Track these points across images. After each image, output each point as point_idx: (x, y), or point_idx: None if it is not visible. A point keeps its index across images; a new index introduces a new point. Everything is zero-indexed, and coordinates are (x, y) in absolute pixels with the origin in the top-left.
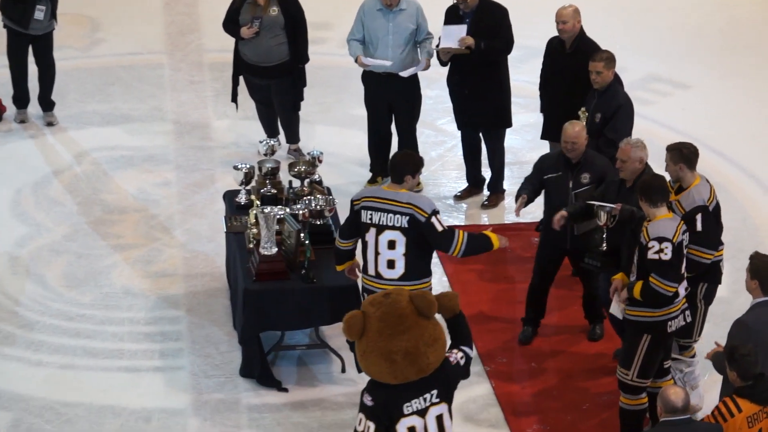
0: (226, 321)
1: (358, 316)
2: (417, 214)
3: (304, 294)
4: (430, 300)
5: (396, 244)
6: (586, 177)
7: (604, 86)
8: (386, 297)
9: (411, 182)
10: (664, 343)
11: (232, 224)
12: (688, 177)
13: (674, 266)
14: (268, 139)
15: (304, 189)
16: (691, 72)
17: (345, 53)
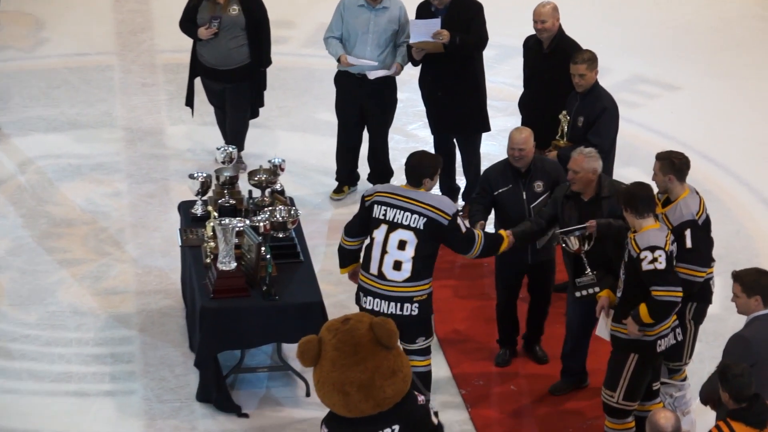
0: (181, 341)
1: (313, 342)
2: (438, 216)
3: (266, 312)
4: (391, 329)
5: (407, 246)
6: (539, 185)
7: (587, 89)
8: (344, 323)
9: (429, 185)
10: (653, 364)
11: (187, 237)
12: (677, 189)
13: (672, 272)
14: (226, 146)
15: (265, 199)
16: (681, 72)
17: (307, 53)
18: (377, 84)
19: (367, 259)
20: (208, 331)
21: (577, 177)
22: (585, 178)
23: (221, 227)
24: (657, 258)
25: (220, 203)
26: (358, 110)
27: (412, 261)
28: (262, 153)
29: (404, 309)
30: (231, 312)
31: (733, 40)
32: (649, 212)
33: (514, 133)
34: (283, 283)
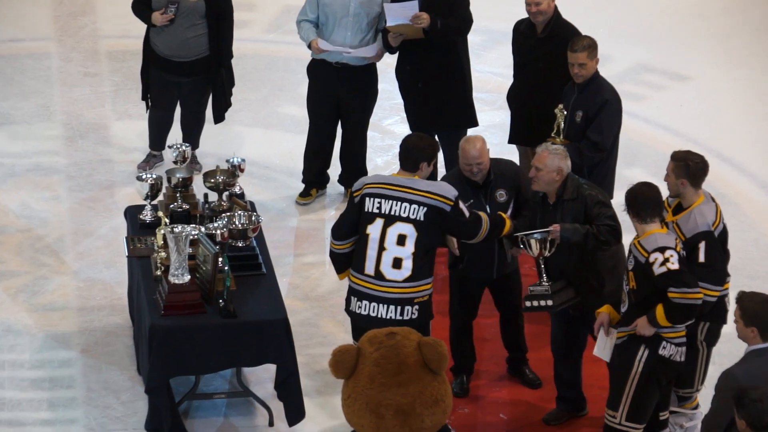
0: (128, 364)
1: (350, 352)
2: (440, 203)
3: (223, 331)
4: (442, 352)
5: (406, 240)
6: (502, 194)
7: (587, 80)
8: (390, 337)
9: (426, 171)
10: (658, 375)
11: (135, 247)
12: (691, 195)
13: (687, 272)
14: (179, 144)
15: (223, 204)
16: (690, 61)
17: (270, 39)
18: (357, 74)
19: (360, 259)
20: (159, 353)
21: (538, 175)
22: (546, 177)
23: (173, 235)
24: (668, 258)
25: (171, 208)
26: (334, 103)
27: (413, 257)
28: (220, 152)
29: (404, 313)
30: (184, 331)
31: (749, 25)
32: (653, 217)
33: (466, 146)
34: (243, 299)
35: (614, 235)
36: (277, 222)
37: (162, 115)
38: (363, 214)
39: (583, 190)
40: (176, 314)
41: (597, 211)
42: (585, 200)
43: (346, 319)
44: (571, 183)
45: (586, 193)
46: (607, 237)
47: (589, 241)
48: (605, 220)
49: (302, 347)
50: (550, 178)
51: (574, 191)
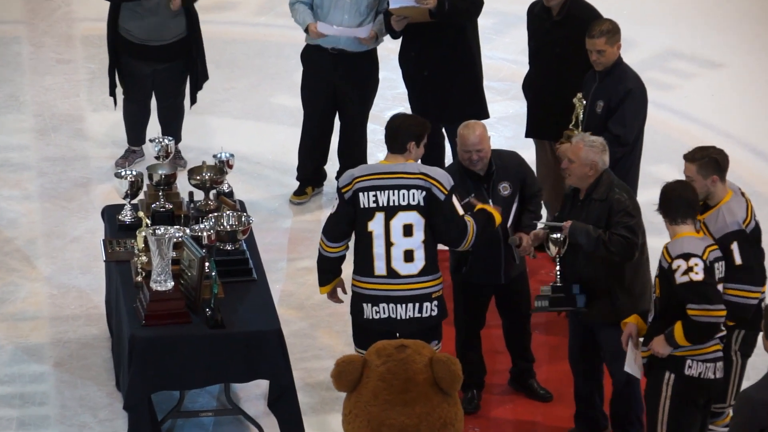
0: (106, 379)
1: (355, 363)
2: (435, 188)
3: (210, 342)
4: (455, 371)
5: (414, 229)
6: (505, 187)
7: (609, 67)
8: (400, 350)
9: (415, 153)
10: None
11: (113, 250)
12: (720, 192)
13: (711, 285)
14: (161, 138)
15: (210, 203)
16: (722, 46)
17: (261, 23)
18: (355, 61)
19: (365, 261)
20: (140, 367)
21: (571, 168)
22: (579, 171)
23: (155, 238)
24: (692, 267)
25: (153, 208)
26: (331, 93)
27: (424, 246)
28: (206, 146)
29: (424, 310)
30: (167, 343)
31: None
32: (684, 218)
33: (464, 132)
34: (232, 307)
35: (624, 248)
36: (269, 223)
37: (138, 110)
38: (359, 211)
39: (613, 193)
40: (158, 324)
41: (617, 218)
42: (611, 204)
43: (344, 330)
44: (604, 182)
45: (615, 197)
46: (616, 248)
47: (599, 249)
48: (621, 230)
49: (297, 360)
50: (583, 173)
51: (604, 192)
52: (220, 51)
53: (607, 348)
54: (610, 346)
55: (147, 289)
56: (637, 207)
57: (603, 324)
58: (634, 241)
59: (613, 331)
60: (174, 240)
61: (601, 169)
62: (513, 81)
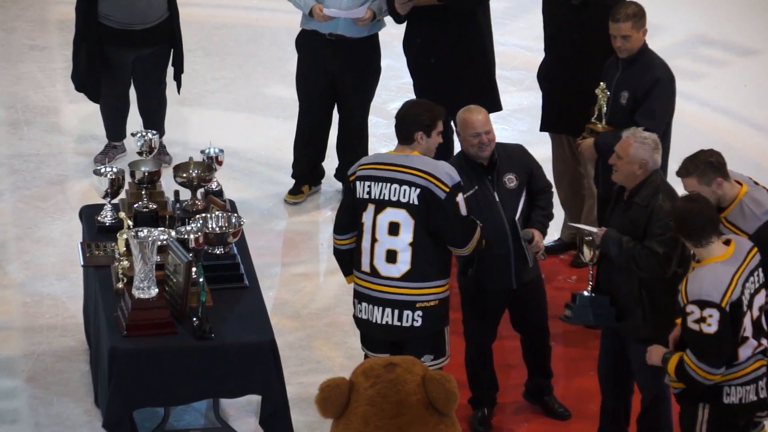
0: (84, 395)
1: (341, 387)
2: (435, 187)
3: (198, 355)
4: (450, 390)
5: (400, 229)
6: (511, 179)
7: (633, 54)
8: (389, 369)
9: (425, 143)
10: (733, 423)
11: (92, 255)
12: (729, 190)
13: (722, 342)
14: (144, 131)
15: (198, 203)
16: (757, 31)
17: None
18: (355, 48)
19: (357, 254)
20: (121, 381)
21: (619, 165)
22: (628, 169)
23: (138, 241)
24: (705, 318)
25: (135, 208)
26: (329, 83)
27: (411, 249)
28: (193, 140)
29: (403, 318)
30: (151, 355)
31: None
32: (710, 236)
33: (468, 115)
34: (221, 317)
35: (653, 266)
36: (262, 225)
37: (119, 102)
38: (356, 200)
39: (656, 199)
40: (141, 335)
41: (653, 229)
42: (652, 211)
43: (343, 342)
44: (650, 185)
45: (657, 203)
46: (644, 264)
47: (629, 263)
48: (654, 244)
49: (292, 375)
50: (631, 171)
51: (648, 196)
52: (208, 37)
53: (636, 362)
54: (641, 361)
55: (129, 297)
56: None
57: (634, 339)
58: (667, 257)
59: (644, 346)
60: (158, 243)
61: (651, 168)
62: (527, 70)
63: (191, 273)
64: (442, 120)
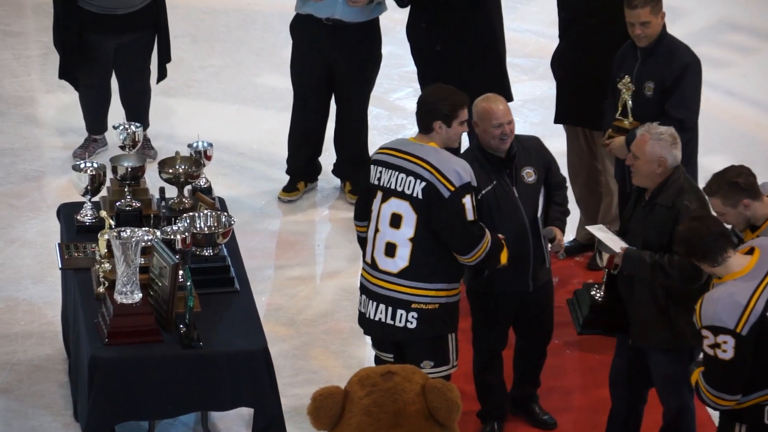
0: (63, 407)
1: (335, 396)
2: (440, 184)
3: (185, 364)
4: (452, 400)
5: (402, 222)
6: (529, 173)
7: (653, 42)
8: (386, 377)
9: (444, 133)
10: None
11: (71, 257)
12: (759, 209)
13: (738, 370)
14: (127, 124)
15: (185, 201)
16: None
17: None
18: (354, 34)
19: (365, 241)
20: (102, 393)
21: (636, 165)
22: (646, 169)
23: (120, 242)
24: (720, 345)
25: (118, 207)
26: (326, 72)
27: (411, 245)
28: (179, 134)
29: (396, 318)
30: (134, 364)
31: None
32: (725, 250)
33: (488, 104)
34: (210, 323)
35: (688, 273)
36: (254, 224)
37: (100, 92)
38: (368, 185)
39: (681, 199)
40: (124, 343)
41: None
42: (678, 213)
43: (342, 350)
44: (673, 184)
45: (683, 204)
46: (677, 273)
47: (658, 276)
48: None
49: (286, 386)
50: (650, 171)
51: (671, 196)
52: (195, 22)
53: (659, 374)
54: (663, 372)
55: (110, 302)
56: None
57: (656, 349)
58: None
59: (667, 356)
60: (142, 244)
61: (671, 166)
62: (540, 57)
63: (178, 276)
64: (465, 108)
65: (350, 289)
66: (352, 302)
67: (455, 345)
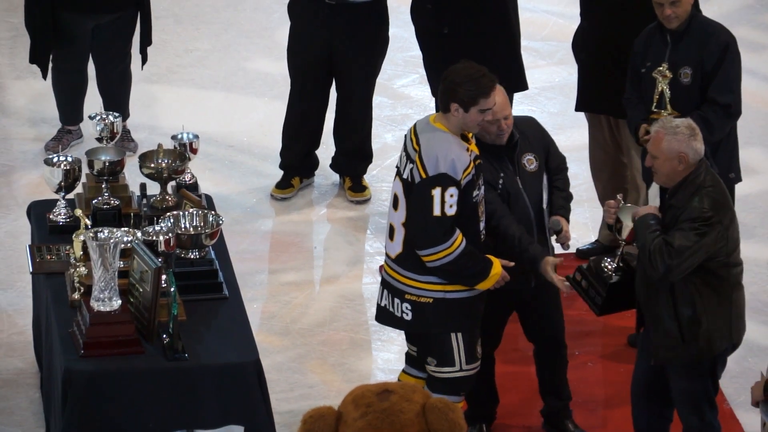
0: (34, 425)
1: (327, 417)
2: (415, 167)
3: (169, 378)
4: (455, 421)
5: (398, 203)
6: (531, 161)
7: (684, 23)
8: (382, 397)
9: (461, 117)
10: None
11: (42, 260)
12: None
13: None
14: (104, 113)
15: (168, 199)
16: None
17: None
18: (359, 14)
19: None
20: (77, 409)
21: (656, 164)
22: (666, 167)
23: (97, 244)
24: None
25: (94, 205)
26: (327, 55)
27: (404, 230)
28: (162, 124)
29: (394, 305)
30: (113, 378)
31: None
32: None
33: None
34: (196, 333)
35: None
36: (244, 224)
37: (74, 77)
38: None
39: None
40: (101, 355)
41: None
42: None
43: (341, 363)
44: (691, 183)
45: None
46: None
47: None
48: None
49: (280, 401)
50: (671, 169)
51: (686, 197)
52: (180, 2)
53: (677, 390)
54: (682, 388)
55: (86, 310)
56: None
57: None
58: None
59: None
60: (121, 246)
61: (693, 160)
62: (560, 40)
63: (160, 281)
64: (490, 96)
65: (350, 296)
66: (351, 310)
67: (465, 346)
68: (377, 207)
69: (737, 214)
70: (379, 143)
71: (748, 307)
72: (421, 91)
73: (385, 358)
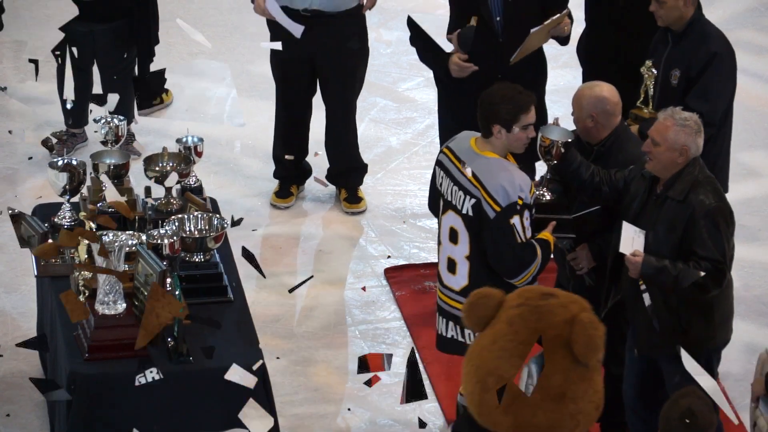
0: (39, 428)
1: (492, 298)
2: (484, 201)
3: (173, 381)
4: (595, 342)
5: (458, 237)
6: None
7: (682, 25)
8: (545, 297)
9: (504, 138)
10: None
11: (47, 263)
12: None
13: None
14: (109, 117)
15: (173, 202)
16: None
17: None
18: (338, 25)
19: None
20: (82, 413)
21: (655, 151)
22: (666, 157)
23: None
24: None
25: (99, 208)
26: (307, 67)
27: (468, 263)
28: (166, 128)
29: (466, 335)
30: (117, 382)
31: None
32: None
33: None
34: (201, 336)
35: (714, 278)
36: (249, 227)
37: (78, 80)
38: (434, 185)
39: (695, 194)
40: (106, 358)
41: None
42: (692, 209)
43: (345, 366)
44: (687, 177)
45: (698, 198)
46: (706, 280)
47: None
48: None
49: (285, 405)
50: (670, 160)
51: (684, 190)
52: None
53: (672, 383)
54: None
55: (91, 313)
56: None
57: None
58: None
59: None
60: (126, 249)
61: (692, 155)
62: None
63: (165, 285)
64: (530, 111)
65: (355, 298)
66: (356, 312)
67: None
68: (382, 210)
69: (740, 217)
70: (383, 146)
71: (752, 309)
72: (426, 94)
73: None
